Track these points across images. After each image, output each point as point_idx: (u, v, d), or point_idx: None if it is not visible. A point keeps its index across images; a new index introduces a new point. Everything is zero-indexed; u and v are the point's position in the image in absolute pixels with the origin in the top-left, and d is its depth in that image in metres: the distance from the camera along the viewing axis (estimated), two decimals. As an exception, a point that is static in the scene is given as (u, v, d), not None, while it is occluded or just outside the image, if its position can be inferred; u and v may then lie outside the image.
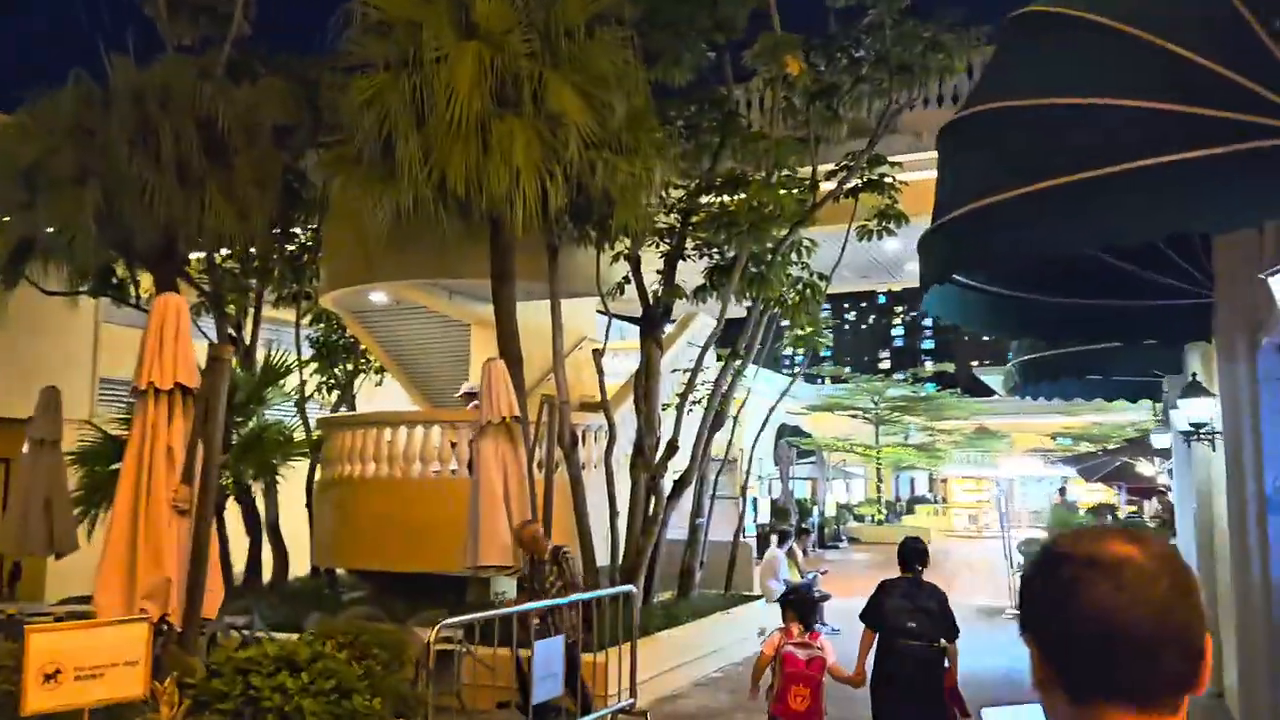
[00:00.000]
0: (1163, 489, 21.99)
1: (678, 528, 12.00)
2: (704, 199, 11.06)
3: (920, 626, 6.13)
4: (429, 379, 14.29)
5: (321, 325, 14.99)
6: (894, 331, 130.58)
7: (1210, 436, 7.80)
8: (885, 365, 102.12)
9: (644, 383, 11.23)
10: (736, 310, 18.99)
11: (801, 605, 6.18)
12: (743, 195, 10.22)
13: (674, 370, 13.11)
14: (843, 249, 12.73)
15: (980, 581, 19.52)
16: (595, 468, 12.16)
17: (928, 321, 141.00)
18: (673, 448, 10.70)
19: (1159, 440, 13.39)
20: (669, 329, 12.59)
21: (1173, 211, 4.80)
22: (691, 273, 11.44)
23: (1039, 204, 5.42)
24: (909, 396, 36.92)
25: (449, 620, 6.42)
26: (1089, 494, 28.88)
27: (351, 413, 14.05)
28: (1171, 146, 4.46)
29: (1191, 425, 7.96)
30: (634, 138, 9.19)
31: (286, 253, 13.80)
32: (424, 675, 5.78)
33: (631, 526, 10.94)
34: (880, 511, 35.13)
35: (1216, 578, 9.37)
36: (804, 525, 15.31)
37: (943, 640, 6.14)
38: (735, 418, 13.55)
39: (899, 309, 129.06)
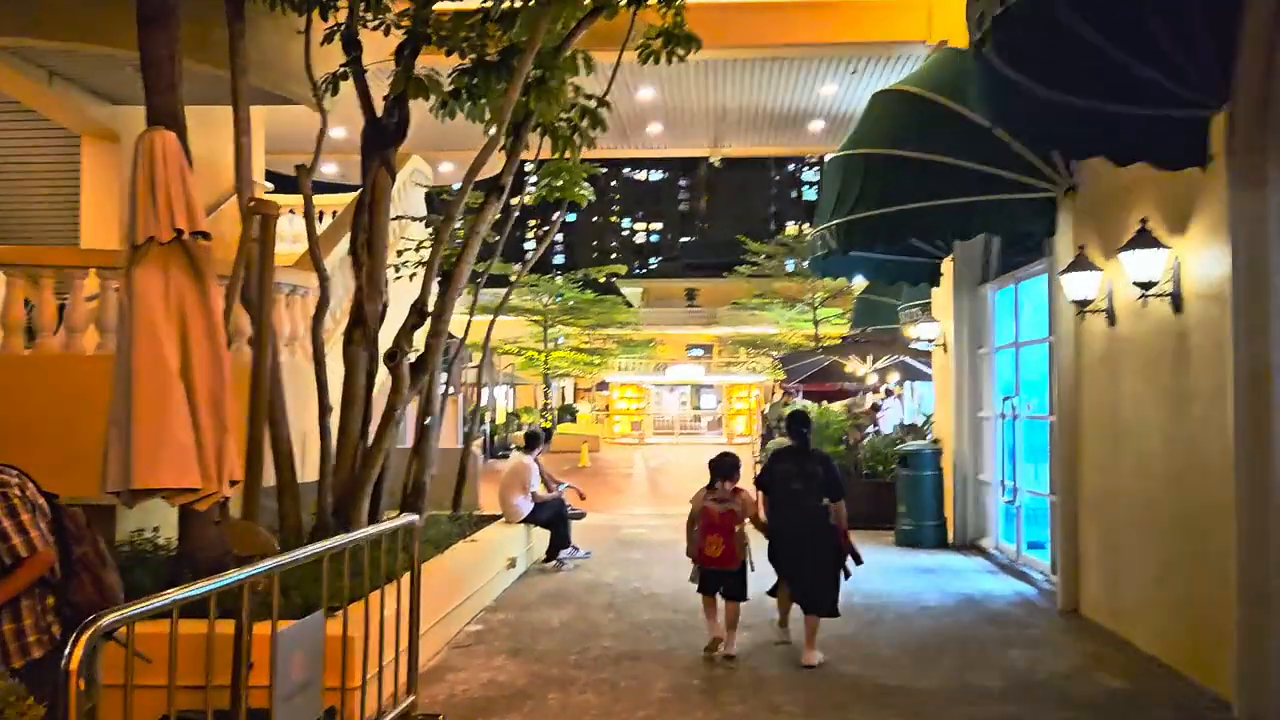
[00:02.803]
0: (851, 390, 21.98)
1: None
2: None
3: (805, 487, 6.81)
4: (10, 220, 9.62)
5: None
6: (526, 245, 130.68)
7: (1168, 297, 6.14)
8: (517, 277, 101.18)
9: (368, 224, 7.81)
10: (449, 169, 15.59)
11: (719, 465, 6.88)
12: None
13: (393, 218, 9.69)
14: (614, 70, 10.07)
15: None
16: (287, 346, 8.64)
17: (559, 236, 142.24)
18: (422, 314, 7.44)
19: (927, 331, 12.20)
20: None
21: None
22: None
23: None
24: (581, 299, 35.24)
25: (132, 610, 2.98)
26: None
27: None
28: None
29: (1138, 284, 6.26)
30: None
31: None
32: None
33: (348, 427, 7.64)
34: (546, 419, 33.26)
35: (1081, 473, 8.02)
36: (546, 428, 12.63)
37: (826, 499, 6.77)
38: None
39: (531, 223, 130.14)
